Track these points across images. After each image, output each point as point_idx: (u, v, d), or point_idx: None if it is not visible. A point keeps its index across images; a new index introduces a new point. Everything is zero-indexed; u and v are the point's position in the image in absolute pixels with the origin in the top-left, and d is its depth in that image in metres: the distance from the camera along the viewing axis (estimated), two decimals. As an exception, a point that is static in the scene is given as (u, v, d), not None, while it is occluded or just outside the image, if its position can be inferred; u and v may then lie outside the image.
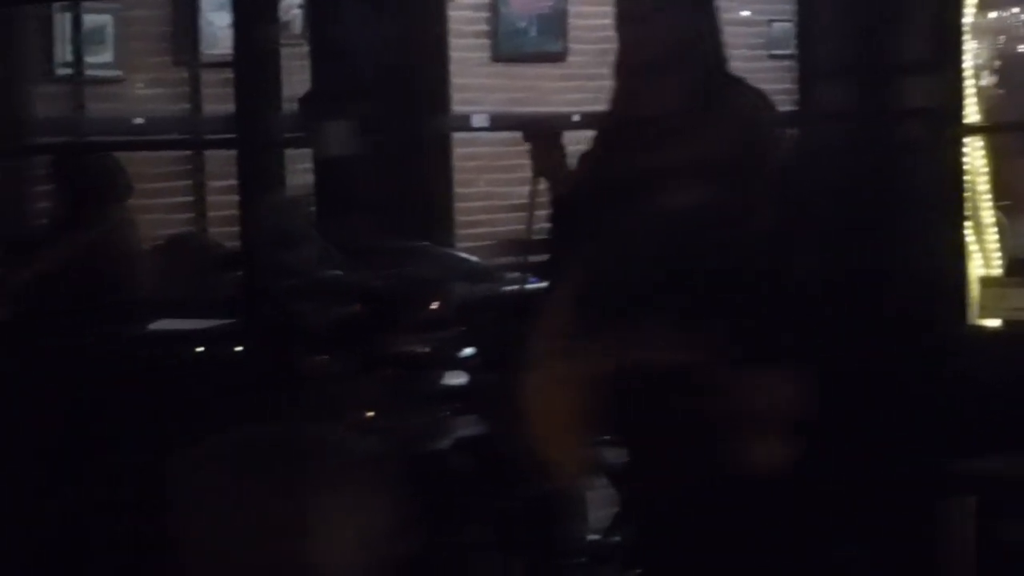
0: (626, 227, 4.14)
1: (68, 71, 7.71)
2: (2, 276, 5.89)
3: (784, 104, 9.26)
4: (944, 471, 4.80)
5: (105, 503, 5.17)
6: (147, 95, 8.71)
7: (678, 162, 4.15)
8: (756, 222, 4.09)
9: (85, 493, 5.22)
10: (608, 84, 4.41)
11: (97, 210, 6.28)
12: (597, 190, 4.25)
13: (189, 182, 7.55)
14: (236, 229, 6.98)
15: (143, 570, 5.08)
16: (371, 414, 4.98)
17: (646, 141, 4.20)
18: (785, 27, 9.93)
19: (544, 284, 4.65)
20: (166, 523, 3.00)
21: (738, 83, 4.33)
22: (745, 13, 10.41)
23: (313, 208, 6.90)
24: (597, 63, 10.06)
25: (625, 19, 4.25)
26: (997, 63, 6.11)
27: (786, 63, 9.55)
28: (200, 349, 5.85)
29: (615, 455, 4.62)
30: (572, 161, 4.47)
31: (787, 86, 9.27)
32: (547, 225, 4.37)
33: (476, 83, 9.46)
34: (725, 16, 10.46)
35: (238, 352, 5.71)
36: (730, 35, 10.42)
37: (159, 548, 2.90)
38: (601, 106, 4.53)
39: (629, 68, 4.25)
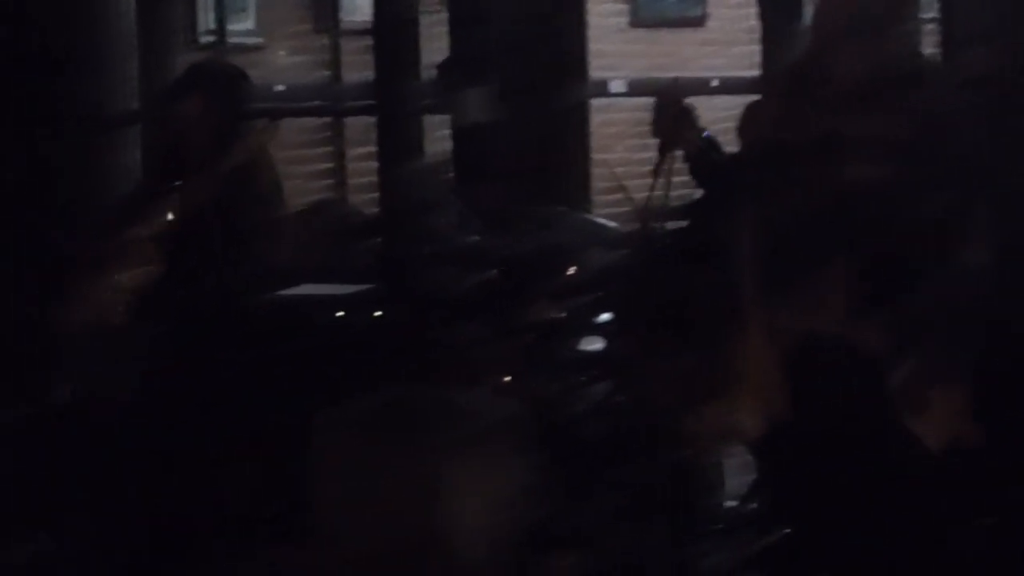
0: (801, 192, 4.09)
1: (211, 39, 7.81)
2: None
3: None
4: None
5: (244, 465, 5.24)
6: (288, 63, 8.81)
7: (864, 131, 4.08)
8: (934, 203, 4.02)
9: (228, 455, 5.29)
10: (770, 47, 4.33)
11: (237, 120, 5.56)
12: (775, 150, 4.19)
13: (329, 149, 7.62)
14: (375, 196, 7.05)
15: (282, 528, 5.17)
16: (508, 379, 5.00)
17: (834, 106, 4.14)
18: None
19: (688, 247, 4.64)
20: (306, 484, 3.04)
21: (926, 60, 4.25)
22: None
23: (451, 174, 6.94)
24: (737, 28, 10.00)
25: None
26: None
27: (931, 27, 9.41)
28: (339, 314, 5.90)
29: (756, 422, 4.59)
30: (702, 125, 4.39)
31: (931, 50, 9.14)
32: (703, 188, 4.27)
33: (615, 49, 9.44)
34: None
35: (377, 318, 5.76)
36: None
37: (298, 507, 2.95)
38: (746, 70, 4.49)
39: (827, 32, 4.17)
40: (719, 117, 8.31)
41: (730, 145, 4.45)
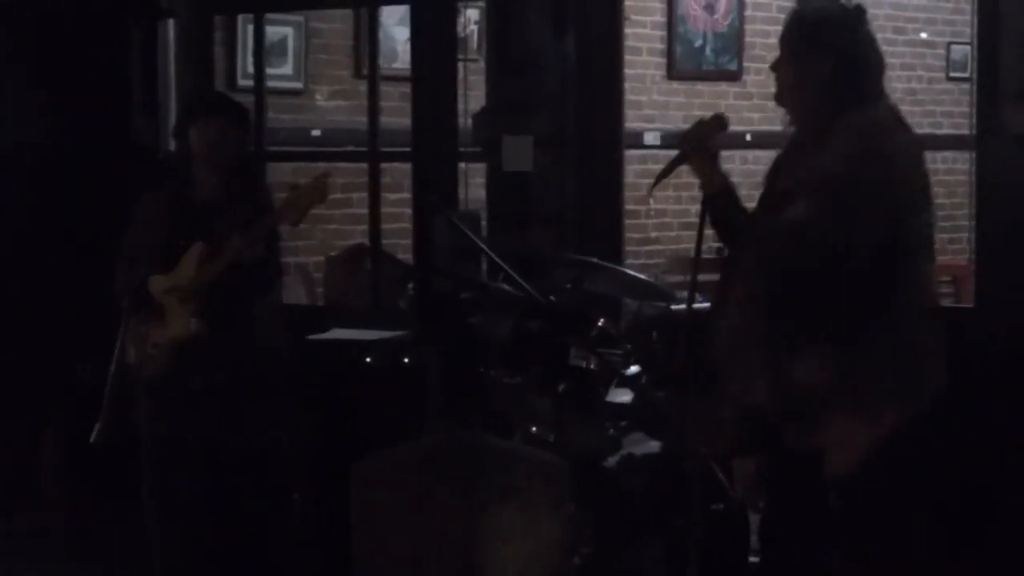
0: None
1: (250, 83, 7.85)
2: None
3: (964, 127, 9.16)
4: None
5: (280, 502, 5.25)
6: (327, 107, 8.88)
7: None
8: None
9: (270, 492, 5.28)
10: None
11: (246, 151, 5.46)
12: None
13: (365, 194, 7.66)
14: (411, 242, 7.09)
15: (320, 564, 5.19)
16: (542, 427, 5.01)
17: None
18: (964, 50, 9.81)
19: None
20: (348, 524, 3.07)
21: None
22: (924, 36, 10.31)
23: (486, 222, 6.96)
24: (772, 82, 10.00)
25: None
26: None
27: (964, 86, 9.43)
28: (372, 359, 5.93)
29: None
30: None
31: (965, 109, 9.17)
32: None
33: (652, 100, 9.48)
34: (904, 38, 10.27)
35: (410, 363, 5.78)
36: (911, 57, 10.20)
37: (339, 545, 2.97)
38: (781, 125, 4.54)
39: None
40: (751, 170, 8.34)
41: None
